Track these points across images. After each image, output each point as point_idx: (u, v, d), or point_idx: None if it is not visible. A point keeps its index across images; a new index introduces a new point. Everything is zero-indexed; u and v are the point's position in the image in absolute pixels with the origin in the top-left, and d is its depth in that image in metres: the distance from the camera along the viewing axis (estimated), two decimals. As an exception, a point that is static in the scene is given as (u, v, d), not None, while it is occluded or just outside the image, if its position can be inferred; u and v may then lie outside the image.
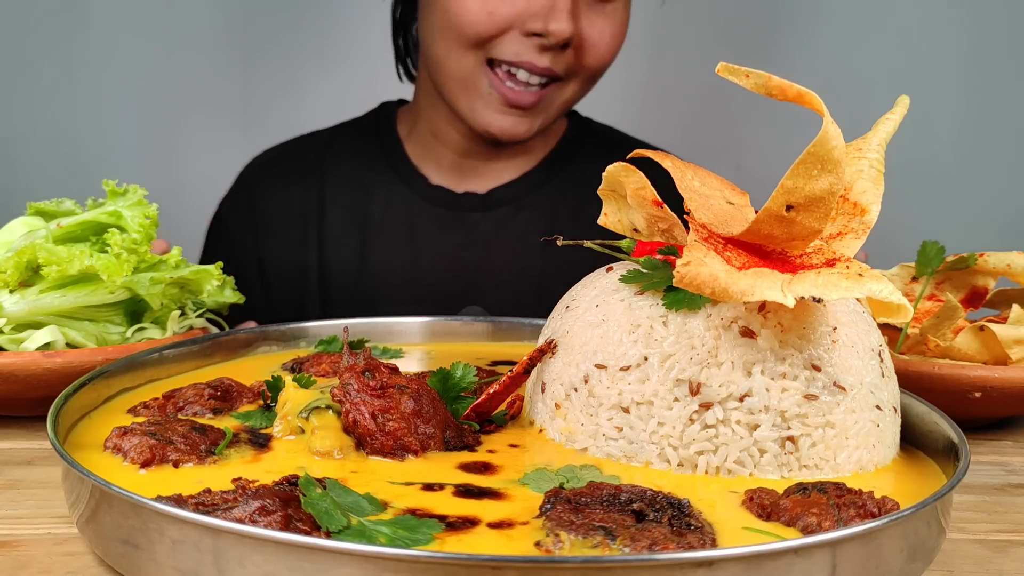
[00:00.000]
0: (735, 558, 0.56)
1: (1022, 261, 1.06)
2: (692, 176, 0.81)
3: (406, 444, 0.75)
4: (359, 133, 1.73)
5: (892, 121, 0.85)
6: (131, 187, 1.07)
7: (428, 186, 1.64)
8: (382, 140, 1.70)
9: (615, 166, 0.81)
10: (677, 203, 0.79)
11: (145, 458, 0.72)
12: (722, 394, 0.73)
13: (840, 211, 0.80)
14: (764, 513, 0.67)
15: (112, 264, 0.99)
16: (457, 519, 0.64)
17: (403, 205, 1.63)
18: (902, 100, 0.86)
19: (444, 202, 1.64)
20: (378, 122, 1.73)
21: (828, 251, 0.76)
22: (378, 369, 0.78)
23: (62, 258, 0.98)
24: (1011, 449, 0.99)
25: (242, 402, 0.87)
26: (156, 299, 1.02)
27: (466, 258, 1.61)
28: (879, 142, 0.83)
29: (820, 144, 0.69)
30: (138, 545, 0.61)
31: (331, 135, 1.74)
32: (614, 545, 0.59)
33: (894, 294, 0.69)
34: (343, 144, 1.72)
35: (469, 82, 1.49)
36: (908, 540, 0.63)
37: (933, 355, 1.01)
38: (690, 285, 0.69)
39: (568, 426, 0.78)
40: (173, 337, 1.02)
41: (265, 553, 0.56)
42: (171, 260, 1.06)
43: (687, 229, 0.76)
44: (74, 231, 1.05)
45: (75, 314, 1.00)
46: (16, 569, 0.66)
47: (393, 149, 1.68)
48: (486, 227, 1.63)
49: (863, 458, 0.76)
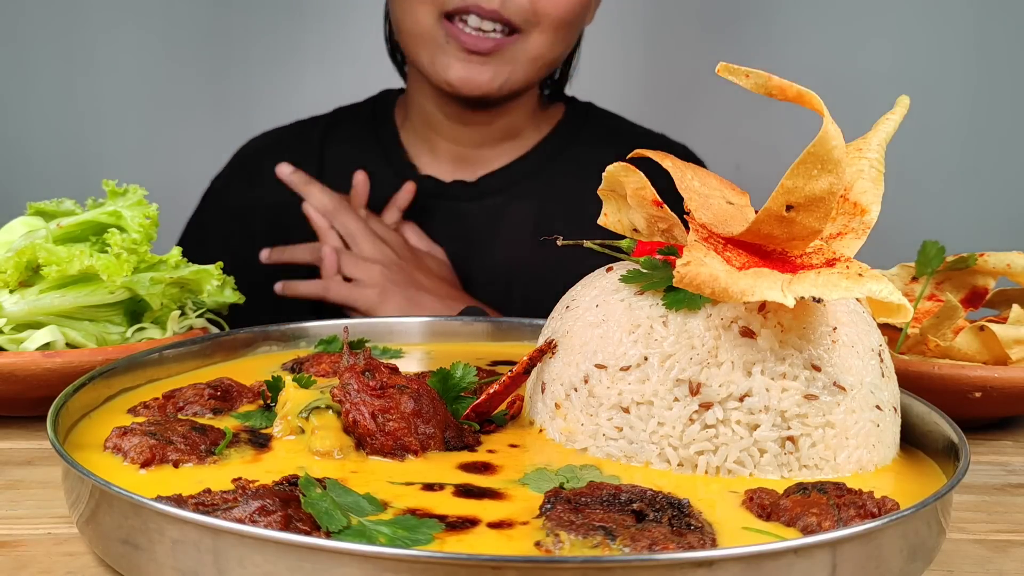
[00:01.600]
0: (735, 558, 0.56)
1: (1022, 261, 1.06)
2: (692, 176, 0.81)
3: (406, 444, 0.75)
4: (356, 120, 1.73)
5: (892, 121, 0.84)
6: (131, 187, 1.07)
7: (418, 176, 1.63)
8: (378, 128, 1.70)
9: (615, 166, 0.81)
10: (677, 203, 0.79)
11: (145, 458, 0.72)
12: (722, 394, 0.73)
13: (840, 211, 0.80)
14: (764, 513, 0.67)
15: (112, 264, 0.99)
16: (457, 519, 0.64)
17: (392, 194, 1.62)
18: (902, 100, 0.86)
19: (432, 192, 1.63)
20: (376, 109, 1.72)
21: (828, 251, 0.76)
22: (378, 369, 0.78)
23: (62, 258, 0.98)
24: (1011, 449, 0.99)
25: (242, 402, 0.87)
26: (156, 299, 1.02)
27: (454, 249, 1.61)
28: (879, 142, 0.83)
29: (820, 144, 0.69)
30: (138, 545, 0.61)
31: (329, 121, 1.74)
32: (614, 545, 0.59)
33: (894, 294, 0.69)
34: (341, 130, 1.72)
35: (427, 36, 1.50)
36: (908, 540, 0.63)
37: (933, 355, 1.01)
38: (690, 285, 0.69)
39: (568, 426, 0.78)
40: (173, 337, 1.03)
41: (265, 553, 0.56)
42: (171, 260, 1.06)
43: (687, 229, 0.76)
44: (74, 231, 1.05)
45: (75, 314, 1.00)
46: (16, 569, 0.66)
47: (388, 137, 1.68)
48: (476, 217, 1.62)
49: (863, 458, 0.76)
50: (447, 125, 1.63)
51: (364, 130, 1.71)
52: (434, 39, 1.50)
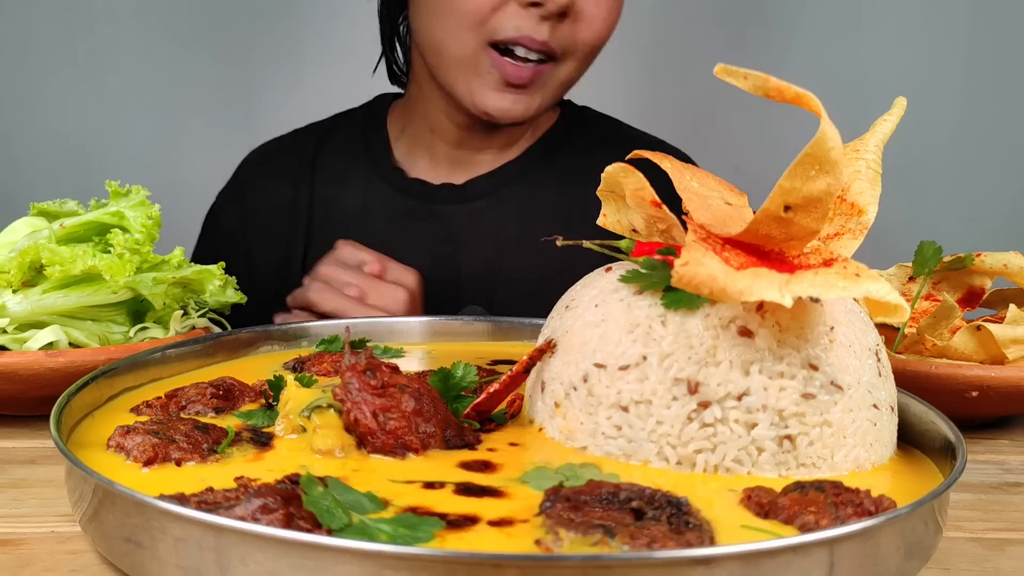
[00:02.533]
0: (733, 556, 0.56)
1: (1019, 261, 1.06)
2: (691, 177, 0.81)
3: (407, 443, 0.75)
4: (350, 126, 1.72)
5: (889, 122, 0.85)
6: (134, 188, 1.08)
7: (404, 179, 1.63)
8: (368, 134, 1.69)
9: (614, 166, 0.81)
10: (675, 203, 0.79)
11: (148, 457, 0.73)
12: (720, 393, 0.74)
13: (837, 211, 0.81)
14: (762, 511, 0.68)
15: (115, 264, 0.99)
16: (458, 517, 0.65)
17: (381, 200, 1.62)
18: (899, 101, 0.86)
19: (419, 194, 1.62)
20: (368, 115, 1.72)
21: (825, 251, 0.76)
22: (379, 368, 0.78)
23: (65, 258, 0.99)
24: (1008, 448, 0.99)
25: (244, 401, 0.88)
26: (159, 299, 1.03)
27: (441, 252, 1.60)
28: (876, 143, 0.83)
29: (817, 145, 0.69)
30: (141, 543, 0.62)
31: (326, 128, 1.74)
32: (613, 543, 0.60)
33: (891, 294, 0.69)
34: (336, 137, 1.72)
35: (469, 63, 1.47)
36: (905, 538, 0.64)
37: (930, 355, 1.02)
38: (688, 285, 0.69)
39: (567, 424, 0.79)
40: (176, 337, 1.03)
41: (267, 551, 0.56)
42: (173, 260, 1.06)
43: (685, 229, 0.77)
44: (77, 231, 1.05)
45: (78, 314, 1.00)
46: (19, 567, 0.66)
47: (378, 143, 1.68)
48: (461, 220, 1.62)
49: (860, 457, 0.77)
50: (454, 133, 1.62)
51: (355, 135, 1.70)
52: (475, 67, 1.46)
